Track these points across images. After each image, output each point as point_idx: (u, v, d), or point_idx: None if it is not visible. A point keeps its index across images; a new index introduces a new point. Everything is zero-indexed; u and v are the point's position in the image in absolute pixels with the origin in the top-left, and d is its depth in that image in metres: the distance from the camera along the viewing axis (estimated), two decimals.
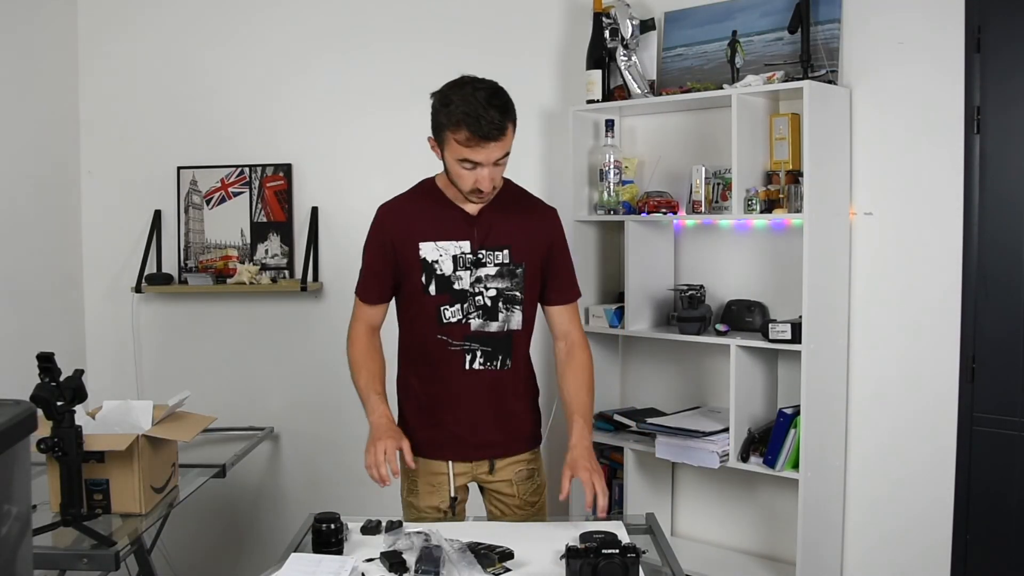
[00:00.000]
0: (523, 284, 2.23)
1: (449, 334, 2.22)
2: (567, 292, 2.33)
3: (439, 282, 2.21)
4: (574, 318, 2.34)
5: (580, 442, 2.19)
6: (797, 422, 2.66)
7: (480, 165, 2.08)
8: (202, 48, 3.52)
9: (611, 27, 3.02)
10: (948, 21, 2.57)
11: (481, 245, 2.21)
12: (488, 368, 2.24)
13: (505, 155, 2.10)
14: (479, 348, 2.23)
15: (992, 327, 2.56)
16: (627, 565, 1.74)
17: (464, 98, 2.04)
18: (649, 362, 3.21)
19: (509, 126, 2.08)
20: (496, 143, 2.05)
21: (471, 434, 2.27)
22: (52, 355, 2.06)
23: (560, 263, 2.31)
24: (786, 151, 2.76)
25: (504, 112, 2.06)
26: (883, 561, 2.75)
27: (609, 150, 3.09)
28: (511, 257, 2.22)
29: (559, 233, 2.32)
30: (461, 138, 2.04)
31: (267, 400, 3.54)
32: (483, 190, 2.11)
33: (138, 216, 3.55)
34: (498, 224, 2.22)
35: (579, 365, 2.30)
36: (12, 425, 1.16)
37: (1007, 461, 2.54)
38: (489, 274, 2.21)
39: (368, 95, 3.46)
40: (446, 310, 2.21)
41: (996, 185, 2.55)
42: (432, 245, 2.21)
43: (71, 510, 2.10)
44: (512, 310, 2.23)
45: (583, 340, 2.33)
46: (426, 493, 2.30)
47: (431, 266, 2.20)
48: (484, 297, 2.21)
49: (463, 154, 2.06)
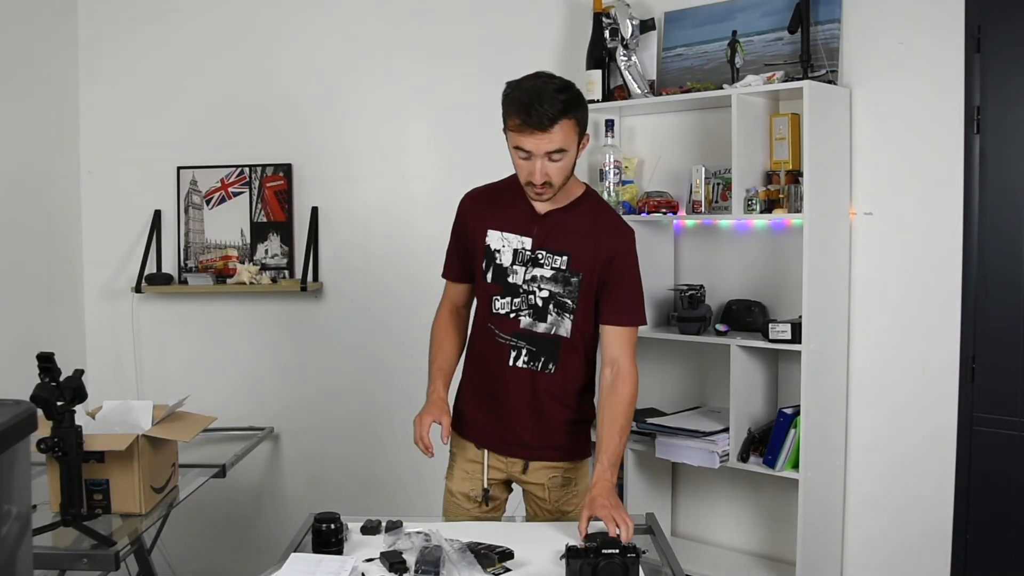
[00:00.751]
0: (576, 294, 2.19)
1: (498, 325, 2.24)
2: (622, 314, 2.21)
3: (495, 272, 2.24)
4: (626, 346, 2.20)
5: (600, 482, 2.08)
6: (797, 422, 2.66)
7: (532, 156, 2.07)
8: (202, 48, 3.52)
9: (611, 27, 3.02)
10: (948, 21, 2.57)
11: (541, 245, 2.20)
12: (530, 368, 2.23)
13: (560, 151, 2.06)
14: (525, 347, 2.23)
15: (992, 327, 2.56)
16: (627, 565, 1.74)
17: (527, 88, 2.07)
18: (649, 362, 3.21)
19: (564, 122, 2.05)
20: (545, 134, 2.04)
21: (506, 429, 2.27)
22: (52, 355, 2.05)
23: (621, 284, 2.21)
24: (786, 151, 2.76)
25: (562, 108, 2.04)
26: (883, 561, 2.75)
27: (609, 150, 3.09)
28: (569, 264, 2.19)
29: (626, 253, 2.22)
30: (514, 125, 2.07)
31: (267, 400, 3.54)
32: (534, 183, 2.10)
33: (138, 216, 3.55)
34: (562, 228, 2.20)
35: (620, 400, 2.17)
36: (12, 425, 1.16)
37: (1007, 461, 2.54)
38: (544, 275, 2.20)
39: (368, 95, 3.46)
40: (496, 300, 2.23)
41: (996, 185, 2.55)
42: (499, 235, 2.24)
43: (71, 510, 2.10)
44: (562, 316, 2.20)
45: (631, 372, 2.19)
46: (460, 478, 2.33)
47: (492, 254, 2.24)
48: (536, 297, 2.21)
49: (516, 141, 2.09)
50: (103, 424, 2.35)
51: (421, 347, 2.36)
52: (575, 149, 2.12)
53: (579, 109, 2.09)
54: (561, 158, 2.08)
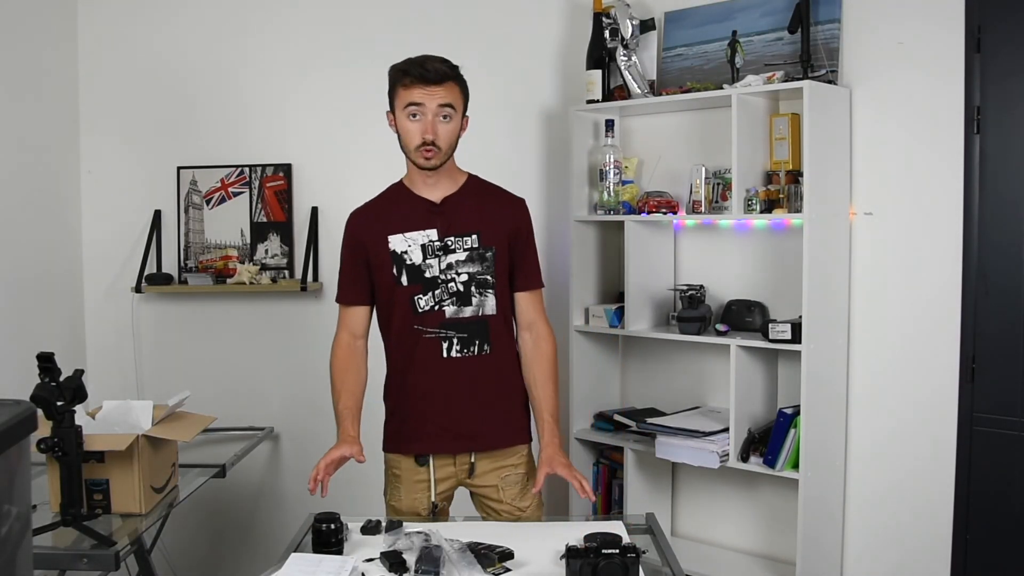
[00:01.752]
0: (494, 268, 2.26)
1: (424, 323, 2.25)
2: (532, 277, 2.35)
3: (410, 272, 2.25)
4: (539, 307, 2.36)
5: (552, 440, 2.26)
6: (797, 422, 2.66)
7: (424, 111, 2.16)
8: (202, 48, 3.52)
9: (611, 27, 3.02)
10: (948, 21, 2.57)
11: (447, 232, 2.25)
12: (466, 355, 2.25)
13: (449, 107, 2.18)
14: (455, 335, 2.25)
15: (992, 327, 2.56)
16: (627, 565, 1.74)
17: (412, 58, 2.21)
18: (649, 362, 3.21)
19: (454, 83, 2.19)
20: (439, 87, 2.16)
21: (453, 424, 2.27)
22: (52, 355, 2.06)
23: (527, 251, 2.34)
24: (786, 151, 2.76)
25: (450, 68, 2.19)
26: (883, 561, 2.75)
27: (609, 150, 3.09)
28: (480, 241, 2.26)
29: (526, 221, 2.36)
30: (407, 82, 2.17)
31: (267, 400, 3.54)
32: (427, 138, 2.17)
33: (138, 216, 3.55)
34: (464, 211, 2.27)
35: (545, 359, 2.32)
36: (12, 425, 1.16)
37: (1007, 461, 2.54)
38: (459, 259, 2.25)
39: (368, 95, 3.43)
40: (419, 299, 2.24)
41: (996, 185, 2.55)
42: (400, 237, 2.26)
43: (71, 510, 2.10)
44: (485, 294, 2.26)
45: (549, 331, 2.35)
46: (408, 497, 2.31)
47: (400, 257, 2.25)
48: (456, 283, 2.24)
49: (408, 97, 2.17)
50: (103, 424, 2.35)
51: None
52: (459, 118, 2.23)
53: (463, 81, 2.23)
54: (450, 118, 2.19)
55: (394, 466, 2.35)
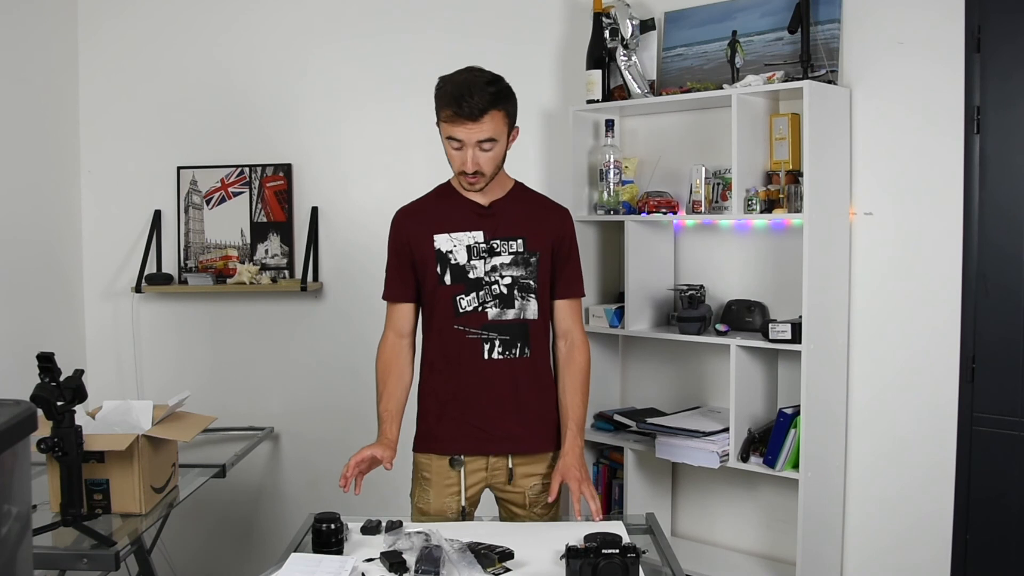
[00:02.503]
0: (537, 273, 2.26)
1: (466, 323, 2.25)
2: (573, 286, 2.35)
3: (454, 271, 2.25)
4: (577, 317, 2.36)
5: (572, 450, 2.25)
6: (797, 422, 2.66)
7: (464, 145, 2.15)
8: (202, 48, 3.53)
9: (611, 27, 3.02)
10: (948, 21, 2.57)
11: (494, 235, 2.25)
12: (507, 357, 2.25)
13: (490, 140, 2.15)
14: (497, 337, 2.25)
15: (992, 327, 2.56)
16: (627, 565, 1.74)
17: (458, 81, 2.15)
18: (649, 362, 3.21)
19: (494, 112, 2.14)
20: (476, 124, 2.12)
21: (491, 425, 2.27)
22: (52, 355, 2.06)
23: (570, 259, 2.34)
24: (786, 151, 2.76)
25: (491, 99, 2.13)
26: (883, 561, 2.75)
27: (609, 150, 3.09)
28: (525, 246, 2.26)
29: (570, 230, 2.37)
30: (447, 116, 2.15)
31: (267, 400, 3.54)
32: (466, 171, 2.17)
33: (138, 216, 3.55)
34: (511, 215, 2.28)
35: (578, 368, 2.32)
36: (12, 425, 1.16)
37: (1007, 461, 2.54)
38: (504, 262, 2.25)
39: (368, 95, 3.46)
40: (461, 299, 2.24)
41: (996, 185, 2.55)
42: (446, 236, 2.26)
43: (71, 510, 2.10)
44: (527, 299, 2.26)
45: (584, 341, 2.35)
46: (437, 500, 2.30)
47: (445, 256, 2.25)
48: (500, 285, 2.25)
49: (448, 132, 2.16)
50: (103, 424, 2.35)
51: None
52: (505, 140, 2.20)
53: (508, 101, 2.19)
54: (491, 148, 2.17)
55: (424, 469, 2.33)
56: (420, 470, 2.34)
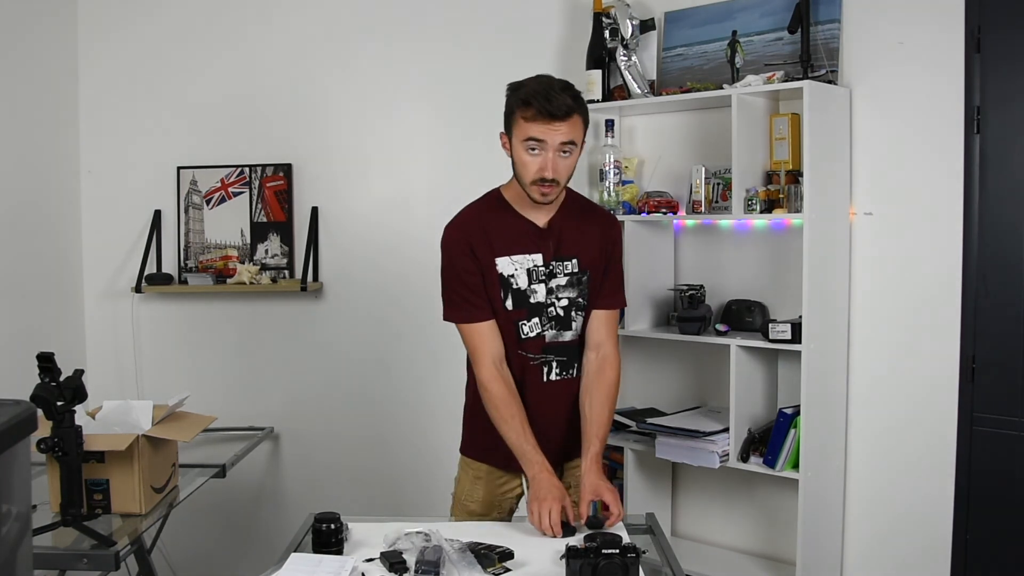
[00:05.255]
0: (587, 291, 2.22)
1: (528, 349, 2.19)
2: (614, 296, 2.26)
3: (516, 296, 2.17)
4: (613, 330, 2.26)
5: (595, 465, 2.14)
6: (797, 422, 2.66)
7: (545, 147, 2.04)
8: (202, 48, 3.52)
9: (611, 27, 3.02)
10: (948, 21, 2.57)
11: (553, 257, 2.18)
12: (564, 378, 2.23)
13: (571, 144, 2.06)
14: (555, 359, 2.21)
15: (992, 327, 2.56)
16: (627, 565, 1.74)
17: (538, 81, 2.08)
18: (649, 362, 3.21)
19: (578, 116, 2.07)
20: (562, 123, 2.03)
21: (547, 443, 2.18)
22: (52, 355, 2.06)
23: (613, 269, 2.27)
24: (786, 151, 2.76)
25: (575, 100, 2.06)
26: (883, 561, 2.75)
27: (609, 150, 3.09)
28: (579, 265, 2.21)
29: (617, 240, 2.30)
30: (529, 115, 2.04)
31: (267, 400, 3.54)
32: (546, 177, 2.06)
33: (138, 216, 3.55)
34: (567, 235, 2.20)
35: (609, 383, 2.22)
36: (12, 425, 1.16)
37: (1007, 461, 2.54)
38: (560, 284, 2.19)
39: (368, 95, 3.46)
40: (524, 325, 2.18)
41: (996, 185, 2.55)
42: (507, 260, 2.16)
43: (71, 510, 2.10)
44: (579, 317, 2.22)
45: (617, 357, 2.25)
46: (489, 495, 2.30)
47: (508, 280, 2.16)
48: (557, 308, 2.20)
49: (529, 132, 2.04)
50: (103, 424, 2.35)
51: (421, 347, 2.36)
52: (579, 150, 2.12)
53: (585, 109, 2.11)
54: (570, 153, 2.08)
55: (476, 471, 2.30)
56: (471, 471, 2.32)
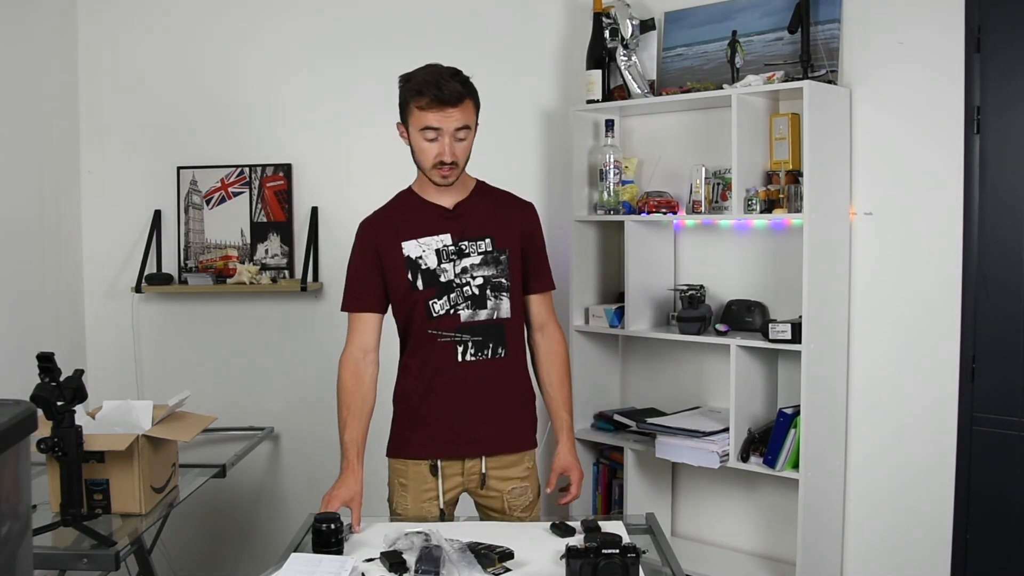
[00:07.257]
0: (508, 271, 2.27)
1: (439, 327, 2.24)
2: (545, 279, 2.38)
3: (425, 276, 2.24)
4: (551, 309, 2.40)
5: (568, 441, 2.34)
6: (797, 422, 2.66)
7: (441, 133, 2.15)
8: (202, 48, 3.52)
9: (611, 27, 3.02)
10: (948, 21, 2.57)
11: (461, 236, 2.25)
12: (480, 358, 2.25)
13: (465, 128, 2.16)
14: (470, 339, 2.24)
15: (992, 327, 2.56)
16: (627, 565, 1.74)
17: (426, 71, 2.18)
18: (649, 362, 3.21)
19: (469, 100, 2.17)
20: (455, 109, 2.13)
21: (466, 428, 2.26)
22: (52, 355, 2.06)
23: (538, 253, 2.37)
24: (786, 151, 2.76)
25: (464, 85, 2.16)
26: (883, 561, 2.75)
27: (609, 150, 3.09)
28: (494, 245, 2.26)
29: (536, 224, 2.38)
30: (423, 103, 2.13)
31: (267, 400, 3.54)
32: (445, 160, 2.16)
33: (138, 216, 3.55)
34: (476, 215, 2.28)
35: (560, 360, 2.37)
36: (12, 425, 1.16)
37: (1007, 461, 2.54)
38: (474, 263, 2.25)
39: (368, 95, 3.45)
40: (434, 303, 2.24)
41: (996, 185, 2.55)
42: (414, 243, 2.25)
43: (71, 510, 2.10)
44: (500, 298, 2.26)
45: (560, 332, 2.40)
46: (415, 505, 2.29)
47: (415, 262, 2.25)
48: (471, 287, 2.24)
49: (424, 121, 2.14)
50: (103, 424, 2.35)
51: None
52: (473, 132, 2.21)
53: (475, 93, 2.20)
54: (465, 137, 2.18)
55: (400, 475, 2.32)
56: (396, 476, 2.33)
